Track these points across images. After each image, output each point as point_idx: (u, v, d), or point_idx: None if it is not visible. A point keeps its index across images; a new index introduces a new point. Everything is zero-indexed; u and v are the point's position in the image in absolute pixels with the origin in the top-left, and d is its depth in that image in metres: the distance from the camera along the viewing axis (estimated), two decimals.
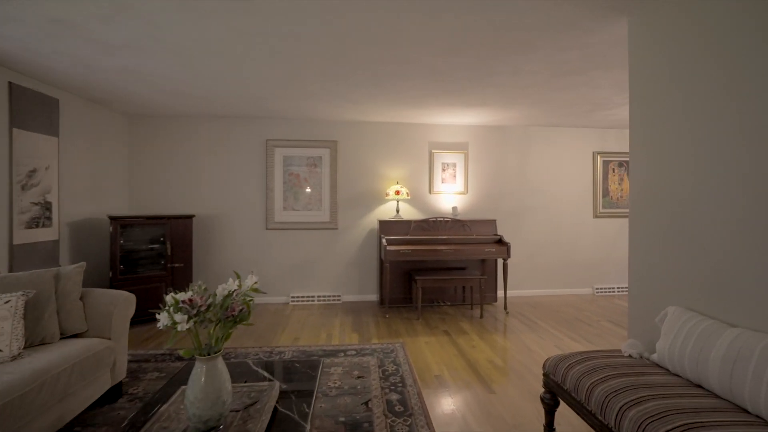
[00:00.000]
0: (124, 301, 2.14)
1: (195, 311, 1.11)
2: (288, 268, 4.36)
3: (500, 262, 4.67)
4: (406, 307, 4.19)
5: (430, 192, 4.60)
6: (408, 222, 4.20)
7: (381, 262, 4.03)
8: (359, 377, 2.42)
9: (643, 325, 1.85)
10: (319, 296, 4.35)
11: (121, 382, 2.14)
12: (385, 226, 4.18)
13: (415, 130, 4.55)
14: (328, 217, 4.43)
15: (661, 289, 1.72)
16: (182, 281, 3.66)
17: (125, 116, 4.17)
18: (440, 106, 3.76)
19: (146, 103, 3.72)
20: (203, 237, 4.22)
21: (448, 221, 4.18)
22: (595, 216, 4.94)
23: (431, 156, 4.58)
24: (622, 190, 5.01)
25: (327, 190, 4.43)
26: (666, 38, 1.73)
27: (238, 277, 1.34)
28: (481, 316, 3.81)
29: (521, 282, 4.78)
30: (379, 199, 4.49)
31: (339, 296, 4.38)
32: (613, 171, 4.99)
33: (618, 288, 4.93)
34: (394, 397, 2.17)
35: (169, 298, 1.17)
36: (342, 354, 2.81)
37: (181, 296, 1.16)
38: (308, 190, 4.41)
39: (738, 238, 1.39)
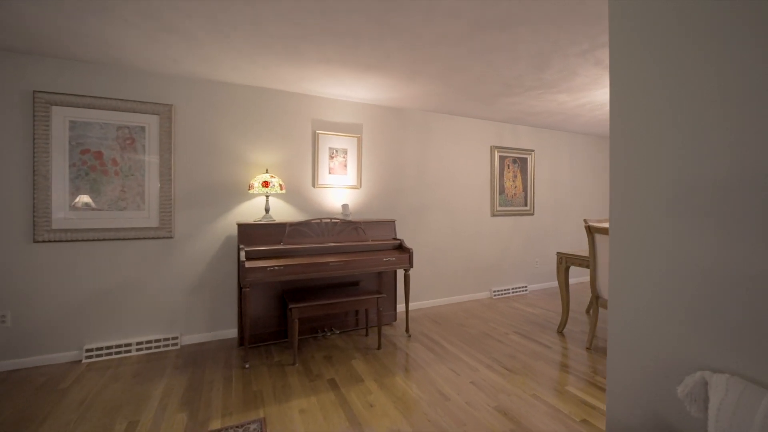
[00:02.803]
0: None
1: None
2: (81, 304, 2.69)
3: (401, 272, 3.93)
4: (280, 345, 3.03)
5: (313, 185, 3.52)
6: (282, 225, 3.04)
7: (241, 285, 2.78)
8: None
9: (633, 389, 1.18)
10: (140, 343, 2.81)
11: None
12: (248, 231, 2.93)
13: (295, 102, 3.41)
14: (157, 220, 2.92)
15: (675, 334, 1.06)
16: None
17: None
18: (325, 64, 2.72)
19: None
20: None
21: (337, 223, 3.19)
22: (493, 214, 4.66)
23: (315, 138, 3.51)
24: (516, 187, 4.86)
25: (154, 180, 2.92)
26: None
27: None
28: (379, 347, 2.93)
29: (422, 292, 4.13)
30: (241, 193, 3.20)
31: (176, 338, 2.93)
32: (508, 167, 4.79)
33: (512, 289, 4.75)
34: None
35: None
36: None
37: None
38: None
39: None
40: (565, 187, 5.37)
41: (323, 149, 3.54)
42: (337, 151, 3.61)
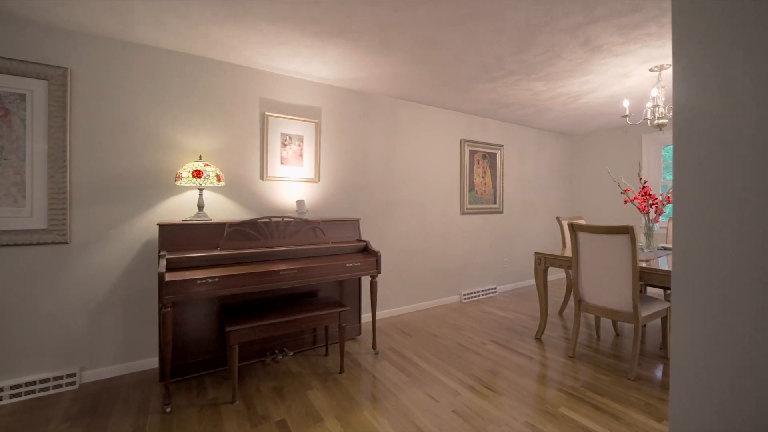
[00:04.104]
0: None
1: None
2: None
3: (366, 279, 3.49)
4: (218, 375, 2.44)
5: (262, 177, 2.96)
6: (219, 226, 2.46)
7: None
8: None
9: (705, 403, 0.82)
10: (17, 387, 2.09)
11: None
12: (173, 234, 2.31)
13: (239, 76, 2.82)
14: (45, 220, 2.21)
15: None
16: None
17: None
18: (274, 25, 2.19)
19: None
20: None
21: (290, 222, 2.66)
22: (463, 213, 4.36)
23: (265, 121, 2.95)
24: (485, 184, 4.61)
25: (41, 166, 2.20)
26: None
27: None
28: (342, 370, 2.46)
29: (388, 299, 3.71)
30: (167, 186, 2.56)
31: (74, 375, 2.23)
32: (478, 163, 4.53)
33: (482, 291, 4.50)
34: None
35: None
36: None
37: None
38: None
39: None
40: (533, 184, 5.24)
41: (274, 135, 2.99)
42: (291, 138, 3.07)
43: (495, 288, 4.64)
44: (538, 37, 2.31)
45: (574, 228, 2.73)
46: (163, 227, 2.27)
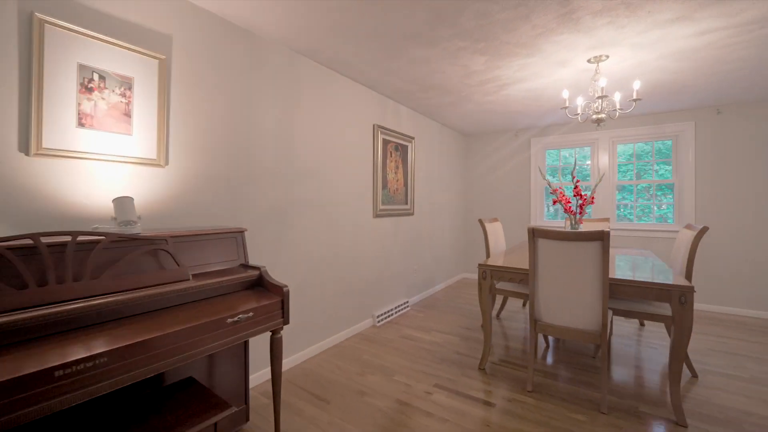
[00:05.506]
0: None
1: None
2: None
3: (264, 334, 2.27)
4: None
5: (27, 151, 1.42)
6: None
7: None
8: None
9: None
10: None
11: None
12: None
13: None
14: None
15: None
16: None
17: None
18: None
19: None
20: None
21: (100, 242, 1.28)
22: (376, 215, 3.54)
23: (38, 33, 1.42)
24: (398, 180, 3.91)
25: None
26: None
27: None
28: None
29: (289, 343, 2.58)
30: None
31: None
32: (391, 155, 3.79)
33: (395, 308, 3.79)
34: None
35: None
36: None
37: None
38: None
39: None
40: (437, 184, 4.85)
41: (60, 66, 1.49)
42: (104, 78, 1.62)
43: (407, 302, 4.00)
44: None
45: (534, 234, 2.23)
46: None
